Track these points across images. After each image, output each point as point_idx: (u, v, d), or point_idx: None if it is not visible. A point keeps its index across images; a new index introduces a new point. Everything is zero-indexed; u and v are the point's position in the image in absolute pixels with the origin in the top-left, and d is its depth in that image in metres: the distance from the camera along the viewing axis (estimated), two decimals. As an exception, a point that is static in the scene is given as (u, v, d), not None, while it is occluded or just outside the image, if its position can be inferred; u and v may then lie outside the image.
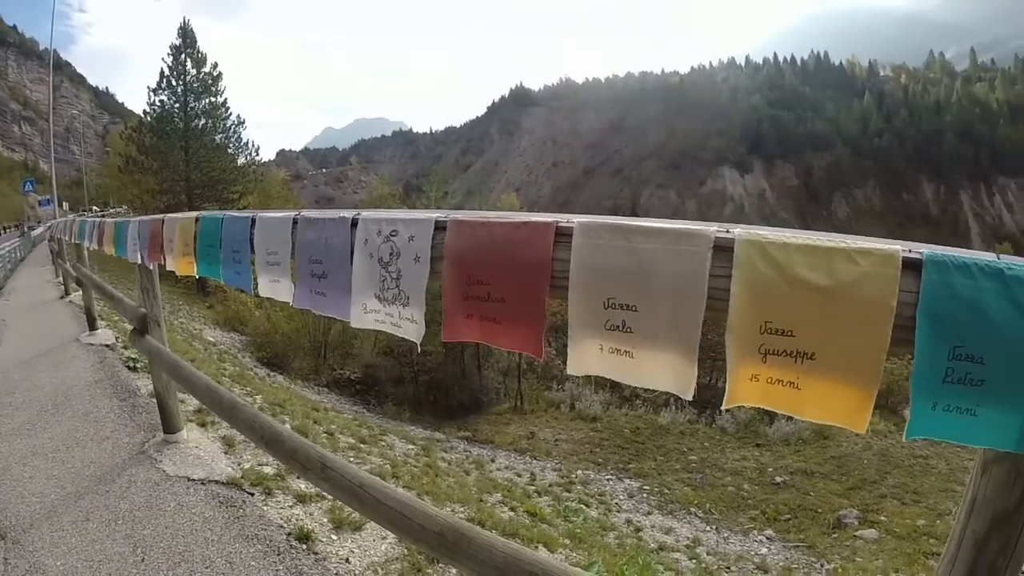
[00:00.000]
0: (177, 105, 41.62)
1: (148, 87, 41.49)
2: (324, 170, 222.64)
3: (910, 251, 1.52)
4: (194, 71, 41.97)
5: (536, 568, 2.28)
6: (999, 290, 1.44)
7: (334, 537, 4.50)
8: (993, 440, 1.51)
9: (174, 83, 41.59)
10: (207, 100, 42.33)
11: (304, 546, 4.26)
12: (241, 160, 44.52)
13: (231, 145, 44.15)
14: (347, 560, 4.23)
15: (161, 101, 41.55)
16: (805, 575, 11.41)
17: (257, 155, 46.59)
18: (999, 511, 1.59)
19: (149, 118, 41.51)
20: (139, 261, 5.32)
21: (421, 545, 2.69)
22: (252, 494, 4.95)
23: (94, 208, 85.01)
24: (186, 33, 42.18)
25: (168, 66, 41.56)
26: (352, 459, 9.02)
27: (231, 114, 43.64)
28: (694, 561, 10.73)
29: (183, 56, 41.86)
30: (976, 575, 1.63)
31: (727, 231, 1.65)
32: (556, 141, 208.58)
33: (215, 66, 42.59)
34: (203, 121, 42.29)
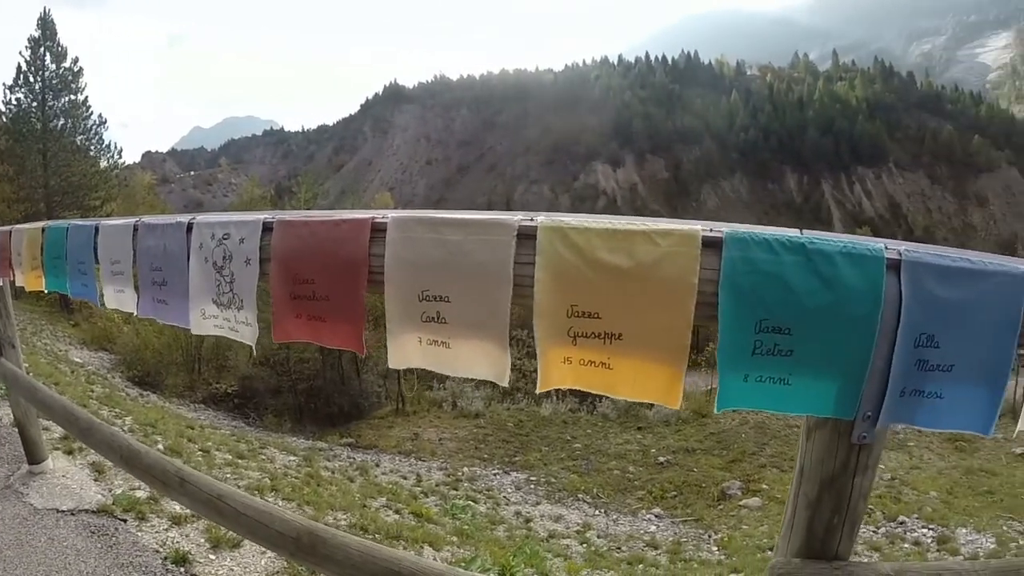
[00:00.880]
0: (35, 104, 38.12)
1: (4, 84, 37.95)
2: (192, 172, 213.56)
3: (711, 230, 1.56)
4: (53, 66, 38.47)
5: (391, 563, 2.30)
6: (802, 263, 1.51)
7: (212, 557, 4.38)
8: (809, 407, 1.60)
9: (32, 79, 38.06)
10: (67, 98, 38.93)
11: (182, 569, 4.13)
12: (103, 163, 40.82)
13: (92, 147, 40.73)
14: (227, 579, 4.13)
15: (17, 100, 38.07)
16: (695, 547, 11.76)
17: (120, 158, 43.41)
18: (826, 474, 1.67)
19: (4, 119, 37.98)
20: (-13, 278, 5.01)
21: (282, 552, 2.67)
22: (125, 520, 4.75)
23: None
24: (46, 24, 38.58)
25: (26, 60, 38.02)
26: (229, 476, 8.78)
27: (92, 113, 40.27)
28: (585, 545, 10.92)
29: (42, 50, 38.33)
30: (814, 534, 1.71)
31: (531, 219, 1.68)
32: (430, 139, 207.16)
33: (75, 61, 39.14)
34: (62, 121, 38.97)
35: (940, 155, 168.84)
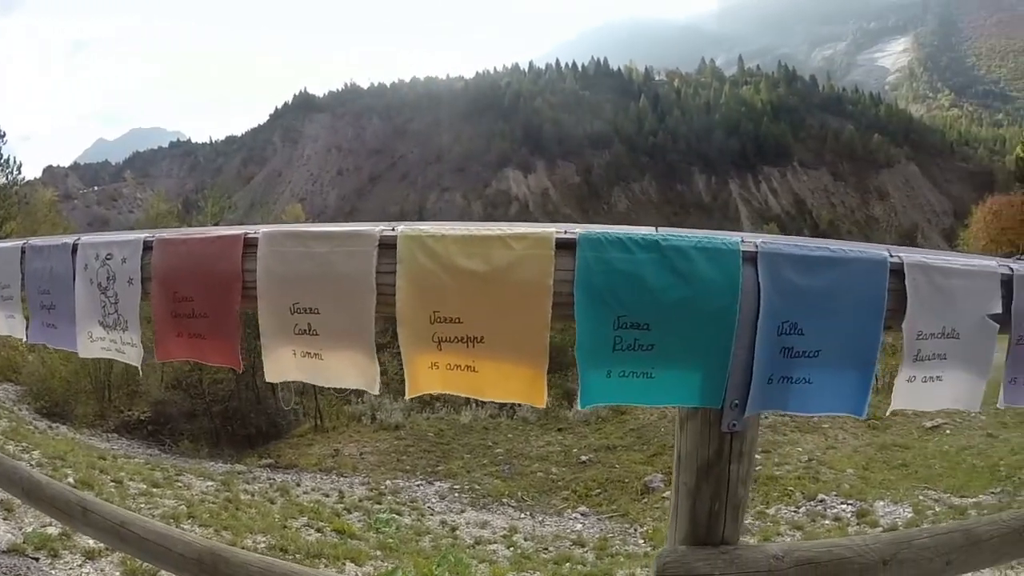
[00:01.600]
0: (-67, 118, 36.28)
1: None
2: (96, 188, 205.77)
3: (565, 232, 1.61)
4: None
5: (290, 576, 2.27)
6: (657, 260, 1.56)
7: (128, 591, 4.21)
8: (674, 398, 1.66)
9: (-70, 91, 36.22)
10: (-36, 111, 37.25)
11: (98, 606, 3.94)
12: (2, 180, 39.85)
13: (-10, 163, 39.00)
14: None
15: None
16: (621, 541, 11.92)
17: (20, 173, 41.98)
18: (702, 463, 1.73)
19: None
20: None
21: (186, 575, 2.59)
22: (37, 559, 4.58)
23: None
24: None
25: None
26: (143, 506, 8.56)
27: (-10, 126, 38.57)
28: (511, 549, 10.95)
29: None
30: (697, 522, 1.76)
31: (392, 228, 1.71)
32: (341, 148, 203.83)
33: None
34: (-41, 136, 36.65)
35: (842, 153, 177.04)
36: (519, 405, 20.01)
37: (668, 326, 1.57)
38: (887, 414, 2.02)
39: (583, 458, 17.16)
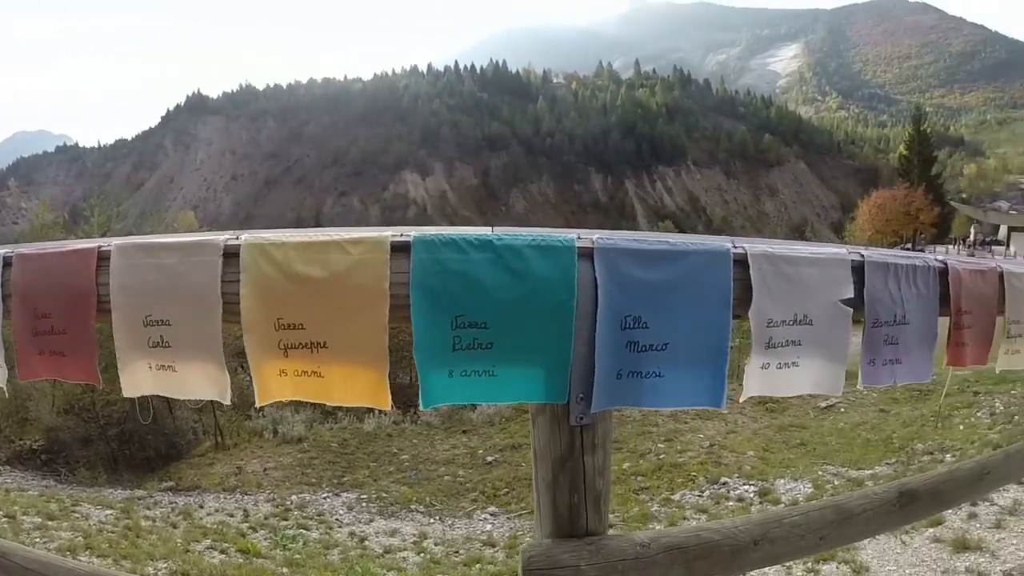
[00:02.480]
0: None
1: None
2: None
3: (401, 235, 1.63)
4: None
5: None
6: (492, 259, 1.59)
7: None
8: (518, 395, 1.70)
9: None
10: None
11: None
12: None
13: None
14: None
15: None
16: (531, 538, 11.91)
17: None
18: (555, 456, 1.75)
19: None
20: None
21: None
22: None
23: None
24: None
25: None
26: (38, 540, 8.12)
27: None
28: (422, 555, 10.83)
29: None
30: (559, 515, 1.78)
31: (236, 237, 1.71)
32: (235, 152, 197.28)
33: None
34: None
35: (735, 153, 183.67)
36: (421, 409, 20.25)
37: (506, 324, 1.60)
38: (740, 401, 2.10)
39: (489, 459, 17.16)
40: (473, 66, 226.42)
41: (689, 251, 1.74)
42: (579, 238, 1.64)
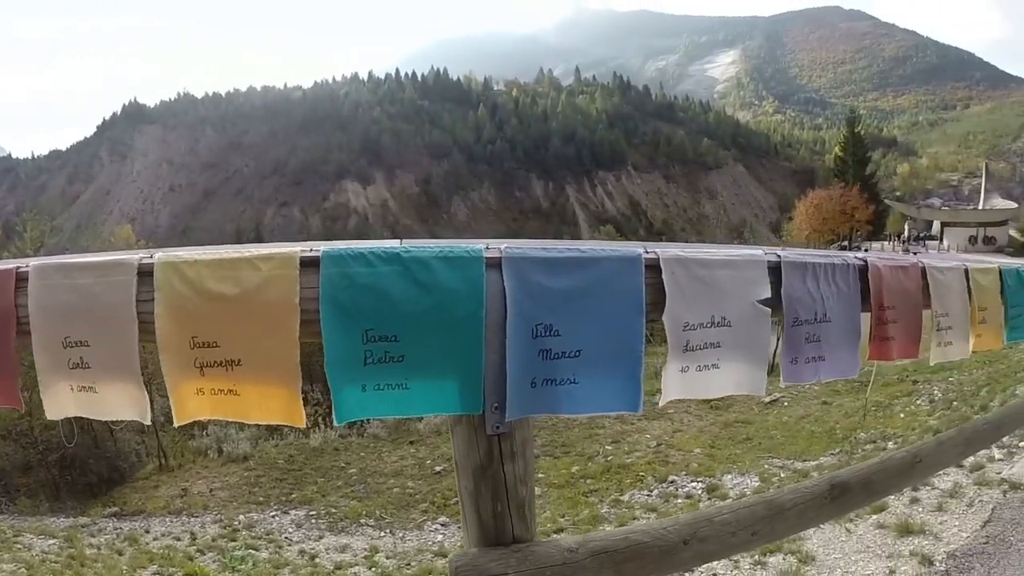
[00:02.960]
0: None
1: None
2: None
3: (310, 250, 1.63)
4: None
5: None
6: (400, 272, 1.59)
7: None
8: (433, 407, 1.70)
9: None
10: None
11: None
12: None
13: None
14: None
15: None
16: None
17: None
18: (475, 465, 1.76)
19: None
20: None
21: None
22: None
23: None
24: None
25: None
26: (-22, 575, 8.01)
27: None
28: (373, 569, 10.76)
29: None
30: (484, 523, 1.78)
31: (150, 255, 1.70)
32: (173, 162, 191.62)
33: None
34: None
35: (674, 157, 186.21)
36: (367, 422, 19.95)
37: (416, 337, 1.61)
38: (659, 406, 2.13)
39: (438, 468, 17.06)
40: (414, 73, 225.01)
41: (600, 257, 1.75)
42: (487, 248, 1.65)
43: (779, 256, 2.16)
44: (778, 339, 2.26)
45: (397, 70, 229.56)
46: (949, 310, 2.95)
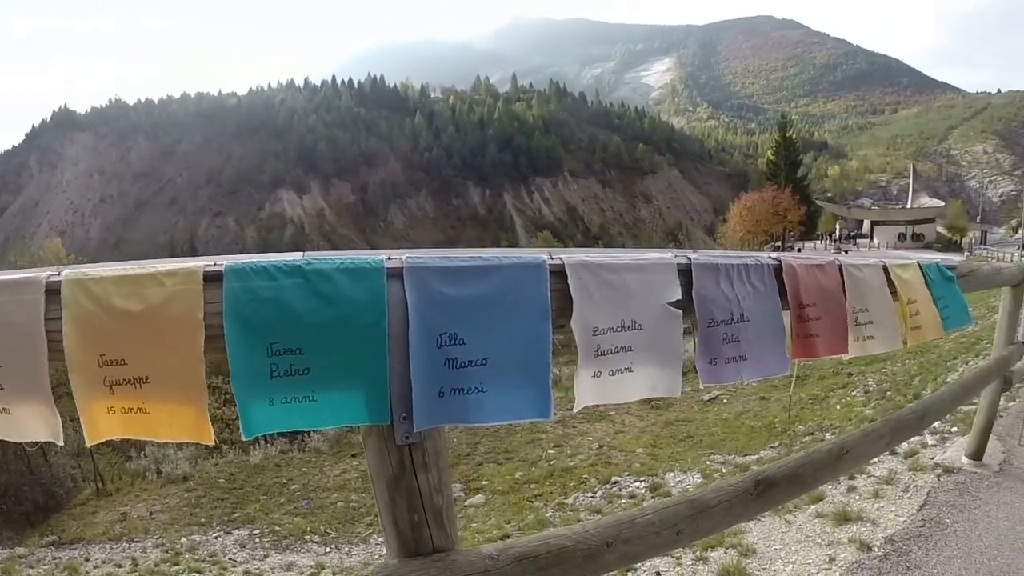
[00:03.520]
0: None
1: None
2: None
3: (214, 264, 1.62)
4: None
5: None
6: (302, 285, 1.60)
7: None
8: (340, 419, 1.69)
9: None
10: None
11: None
12: None
13: None
14: None
15: None
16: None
17: None
18: (388, 476, 1.75)
19: None
20: None
21: None
22: None
23: None
24: None
25: None
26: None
27: None
28: (321, 584, 10.68)
29: None
30: (403, 534, 1.77)
31: (58, 273, 1.66)
32: (104, 172, 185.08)
33: None
34: None
35: (610, 162, 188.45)
36: (308, 436, 19.72)
37: (321, 349, 1.61)
38: (574, 412, 2.15)
39: (381, 480, 17.02)
40: (350, 80, 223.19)
41: (503, 265, 1.77)
42: (389, 259, 1.66)
43: (689, 259, 2.19)
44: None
45: (334, 77, 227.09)
46: (868, 305, 3.03)
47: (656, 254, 2.13)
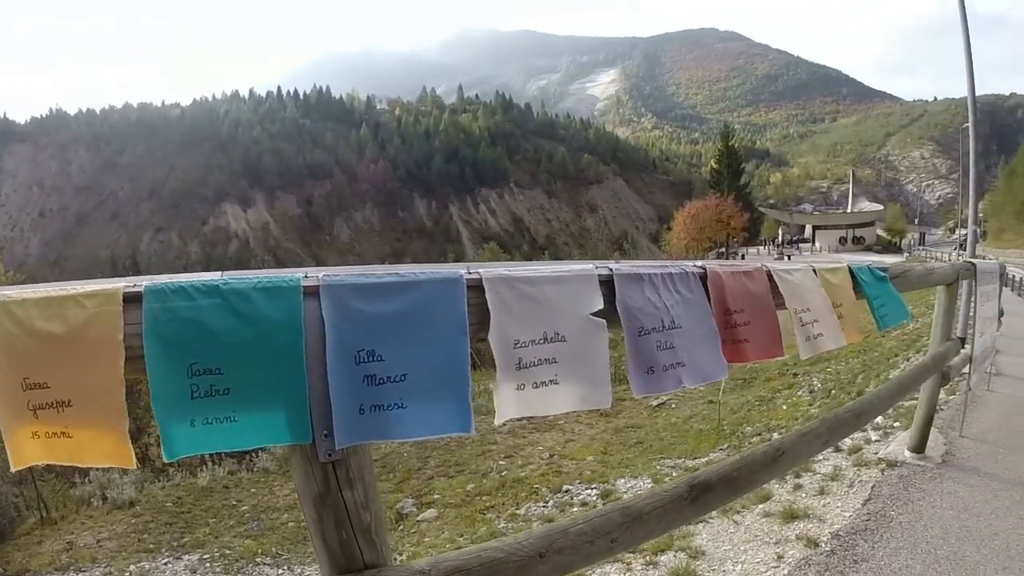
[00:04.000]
0: None
1: None
2: None
3: (134, 285, 1.59)
4: None
5: None
6: (220, 304, 1.58)
7: None
8: (262, 439, 1.68)
9: None
10: None
11: None
12: None
13: None
14: None
15: None
16: (385, 569, 11.69)
17: None
18: (314, 494, 1.75)
19: None
20: None
21: None
22: None
23: None
24: None
25: None
26: None
27: None
28: (274, 609, 10.53)
29: None
30: (332, 551, 1.79)
31: None
32: (44, 185, 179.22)
33: None
34: None
35: (556, 173, 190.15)
36: (256, 455, 19.45)
37: (239, 368, 1.60)
38: (496, 425, 2.17)
39: (333, 498, 16.84)
40: (296, 91, 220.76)
41: (420, 281, 1.78)
42: (306, 277, 1.66)
43: (611, 269, 2.21)
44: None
45: (279, 88, 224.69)
46: (809, 306, 3.09)
47: (576, 266, 2.14)
